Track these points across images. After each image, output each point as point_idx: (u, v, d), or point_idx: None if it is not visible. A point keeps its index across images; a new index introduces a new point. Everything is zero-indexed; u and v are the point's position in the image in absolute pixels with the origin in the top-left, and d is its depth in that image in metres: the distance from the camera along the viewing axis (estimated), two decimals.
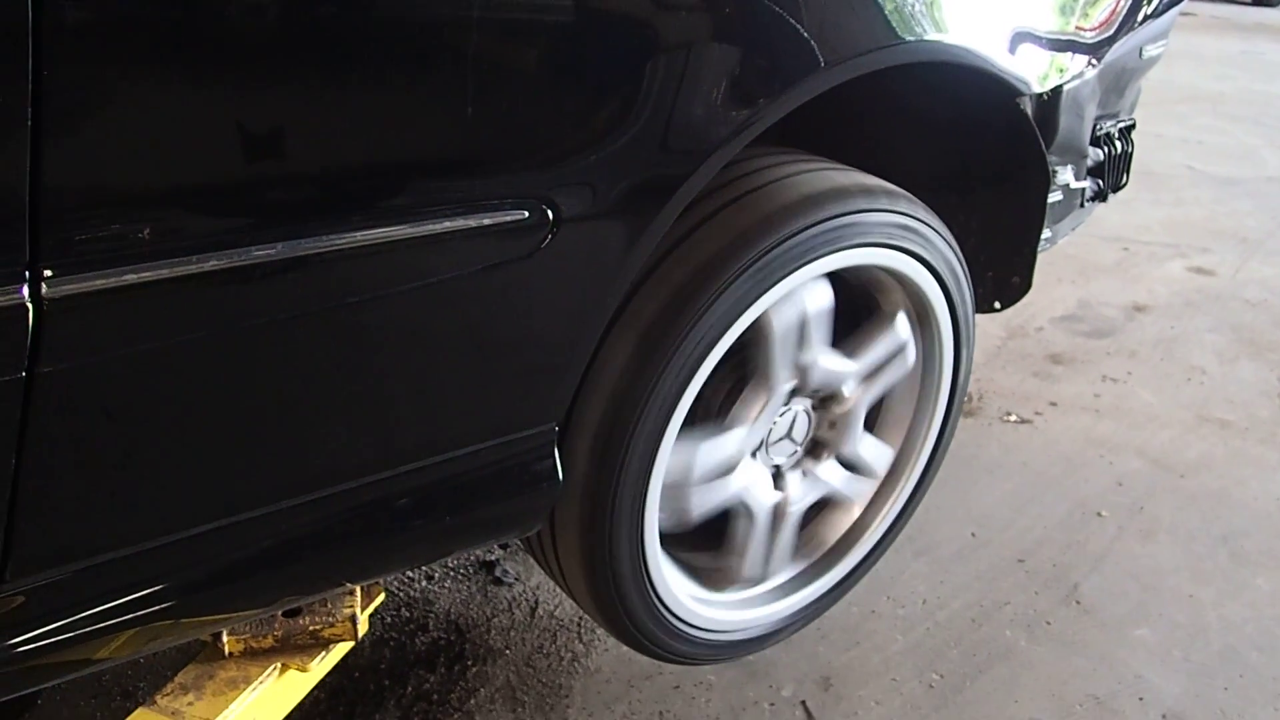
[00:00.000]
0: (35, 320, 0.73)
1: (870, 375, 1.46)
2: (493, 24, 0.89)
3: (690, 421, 1.29)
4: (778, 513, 1.46)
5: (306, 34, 0.80)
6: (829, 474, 1.52)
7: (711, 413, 1.37)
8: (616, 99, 0.98)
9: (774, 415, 1.39)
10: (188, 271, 0.79)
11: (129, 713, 1.09)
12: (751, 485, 1.41)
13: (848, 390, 1.44)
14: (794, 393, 1.40)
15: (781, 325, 1.29)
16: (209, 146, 0.78)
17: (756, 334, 1.28)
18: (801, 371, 1.36)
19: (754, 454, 1.41)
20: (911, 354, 1.50)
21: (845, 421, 1.48)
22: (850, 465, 1.55)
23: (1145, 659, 1.66)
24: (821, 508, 1.59)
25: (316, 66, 0.81)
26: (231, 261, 0.81)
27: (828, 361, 1.39)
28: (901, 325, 1.46)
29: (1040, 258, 1.68)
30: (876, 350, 1.45)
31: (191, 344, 0.84)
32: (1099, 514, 2.02)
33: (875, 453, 1.57)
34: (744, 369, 1.35)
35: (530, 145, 0.95)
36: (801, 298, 1.30)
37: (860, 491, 1.61)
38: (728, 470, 1.36)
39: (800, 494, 1.49)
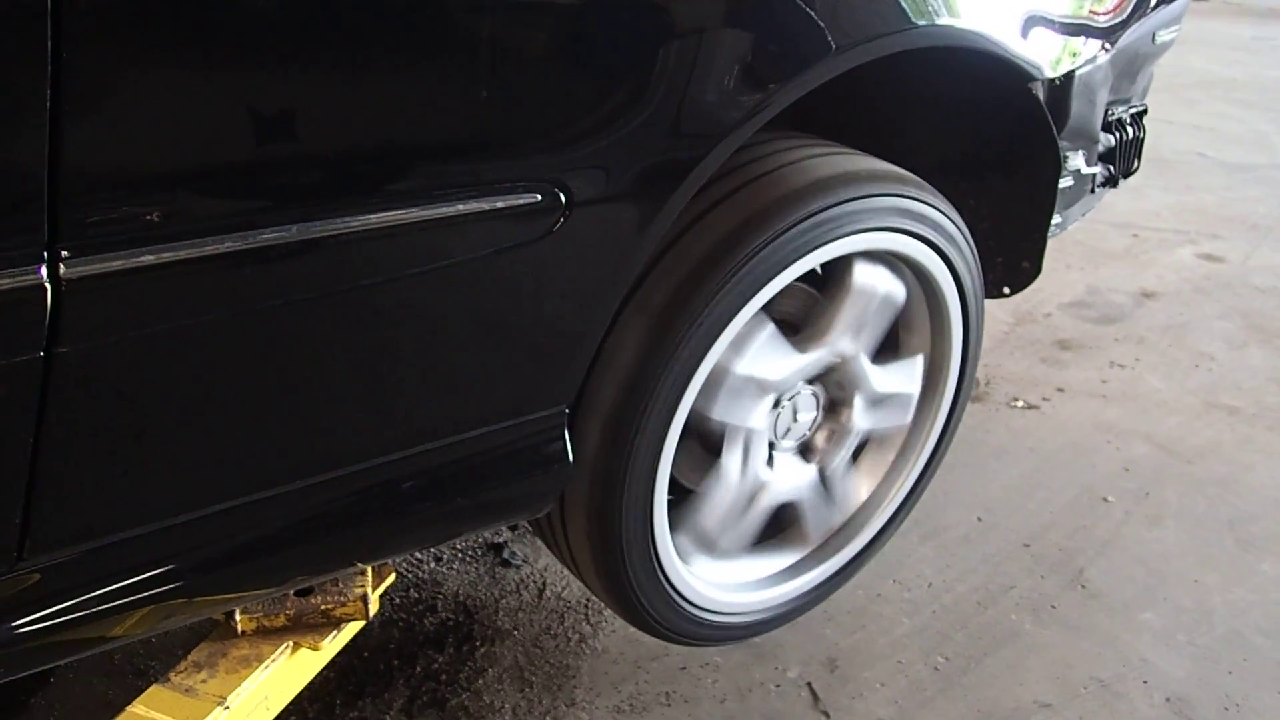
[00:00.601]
0: (54, 300, 0.74)
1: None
2: (506, 7, 0.89)
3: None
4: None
5: (322, 17, 0.80)
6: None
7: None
8: (629, 82, 0.98)
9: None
10: (204, 253, 0.80)
11: (141, 691, 1.11)
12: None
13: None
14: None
15: None
16: (225, 129, 0.78)
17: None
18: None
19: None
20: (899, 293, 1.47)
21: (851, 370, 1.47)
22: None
23: (1150, 643, 1.67)
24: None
25: (331, 50, 0.81)
26: (247, 243, 0.81)
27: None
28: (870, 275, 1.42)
29: (1050, 243, 1.67)
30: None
31: (207, 325, 0.85)
32: (1106, 499, 2.03)
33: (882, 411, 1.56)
34: None
35: (543, 128, 0.95)
36: None
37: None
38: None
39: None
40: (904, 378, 1.53)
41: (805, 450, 1.53)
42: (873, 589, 1.75)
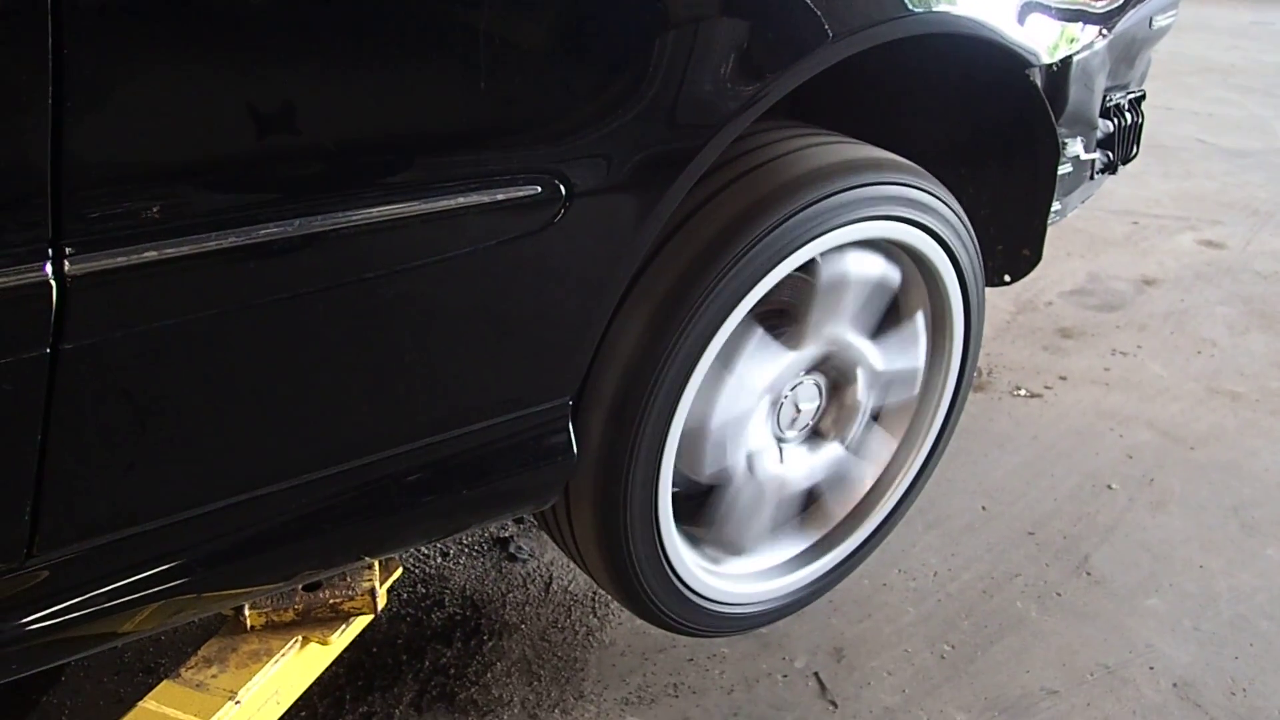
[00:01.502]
0: (59, 297, 0.75)
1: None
2: None
3: None
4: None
5: (322, 11, 0.80)
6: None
7: None
8: (627, 73, 0.99)
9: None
10: (207, 248, 0.80)
11: (152, 687, 1.11)
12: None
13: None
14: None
15: None
16: (227, 124, 0.79)
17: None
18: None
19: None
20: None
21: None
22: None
23: (1156, 628, 1.67)
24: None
25: (332, 43, 0.82)
26: (250, 238, 0.82)
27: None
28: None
29: (1050, 231, 1.67)
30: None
31: (211, 320, 0.85)
32: (1109, 486, 2.03)
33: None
34: None
35: (542, 120, 0.95)
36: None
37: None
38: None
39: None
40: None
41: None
42: (878, 578, 1.75)
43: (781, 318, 1.40)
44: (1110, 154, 1.87)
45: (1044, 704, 1.52)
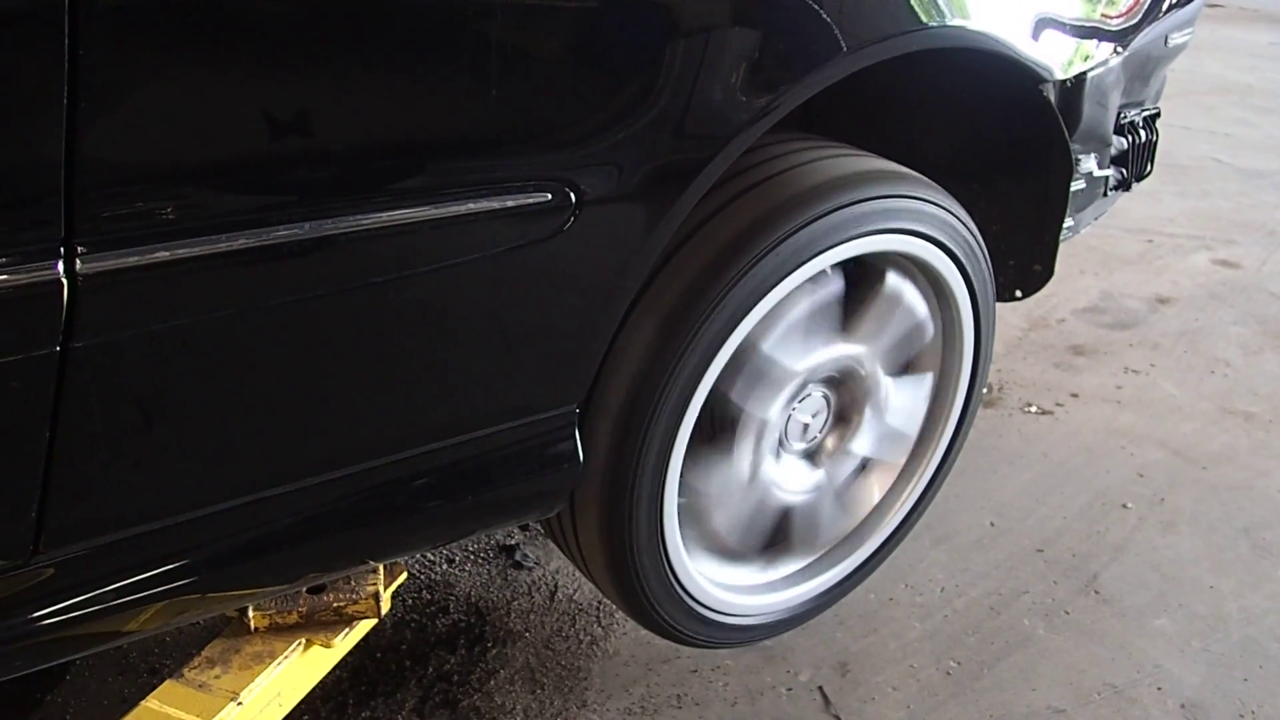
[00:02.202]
0: (70, 296, 0.75)
1: None
2: (516, 6, 0.90)
3: None
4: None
5: (335, 16, 0.81)
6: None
7: None
8: (638, 83, 0.99)
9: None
10: (217, 249, 0.81)
11: (155, 688, 1.11)
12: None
13: None
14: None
15: None
16: (239, 127, 0.79)
17: None
18: None
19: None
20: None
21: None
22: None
23: (1164, 649, 1.66)
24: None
25: (345, 49, 0.82)
26: (260, 240, 0.82)
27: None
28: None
29: (1062, 248, 1.67)
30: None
31: (220, 321, 0.86)
32: (1121, 505, 2.02)
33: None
34: None
35: (553, 128, 0.96)
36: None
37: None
38: None
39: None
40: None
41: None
42: (884, 593, 1.74)
43: None
44: (1124, 171, 1.86)
45: None
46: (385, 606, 1.20)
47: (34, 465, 0.82)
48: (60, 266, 0.74)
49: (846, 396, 1.50)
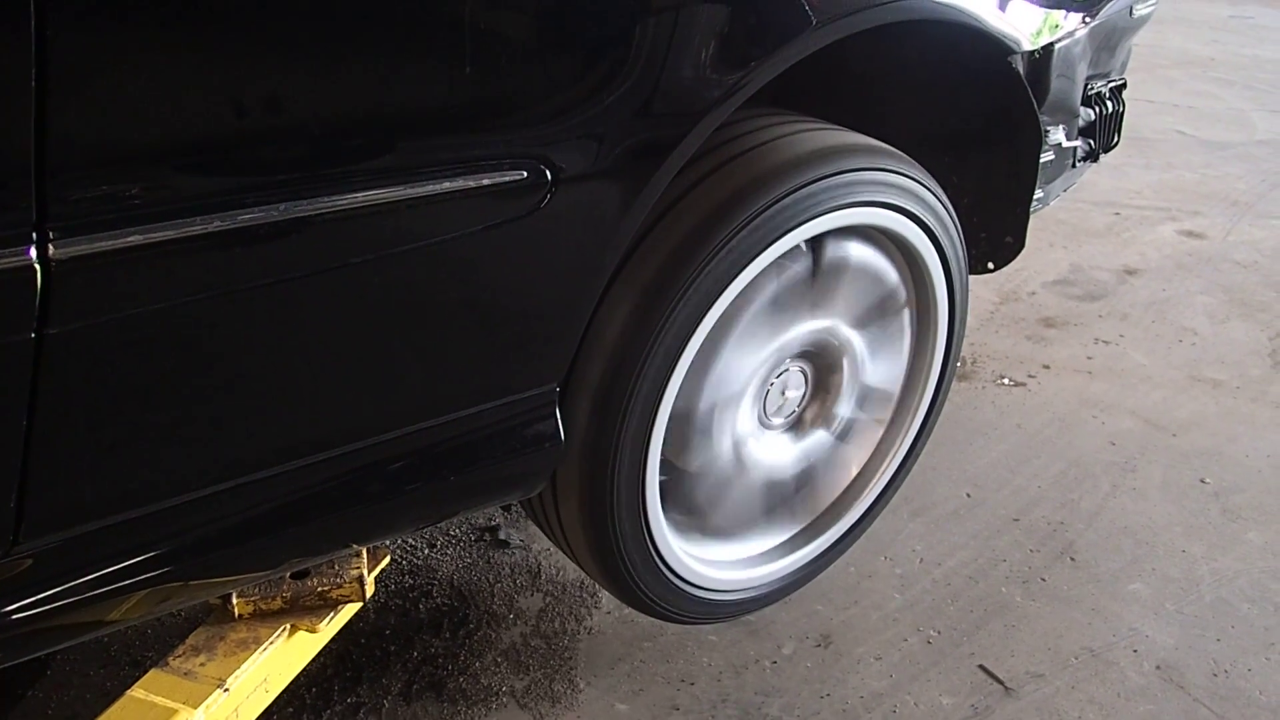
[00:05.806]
0: (43, 281, 0.74)
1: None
2: None
3: None
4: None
5: None
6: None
7: None
8: (610, 60, 0.99)
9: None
10: (191, 232, 0.80)
11: (137, 680, 1.11)
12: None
13: None
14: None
15: None
16: (211, 108, 0.79)
17: None
18: None
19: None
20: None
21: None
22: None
23: (1139, 612, 1.69)
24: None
25: (316, 28, 0.82)
26: (234, 222, 0.82)
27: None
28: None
29: (1032, 222, 1.68)
30: None
31: (196, 305, 0.85)
32: (1093, 473, 2.04)
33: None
34: None
35: (528, 105, 0.96)
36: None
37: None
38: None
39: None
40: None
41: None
42: (864, 566, 1.76)
43: None
44: (1092, 142, 1.88)
45: (1029, 687, 1.54)
46: (369, 590, 1.20)
47: (11, 455, 0.81)
48: (33, 252, 0.73)
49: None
